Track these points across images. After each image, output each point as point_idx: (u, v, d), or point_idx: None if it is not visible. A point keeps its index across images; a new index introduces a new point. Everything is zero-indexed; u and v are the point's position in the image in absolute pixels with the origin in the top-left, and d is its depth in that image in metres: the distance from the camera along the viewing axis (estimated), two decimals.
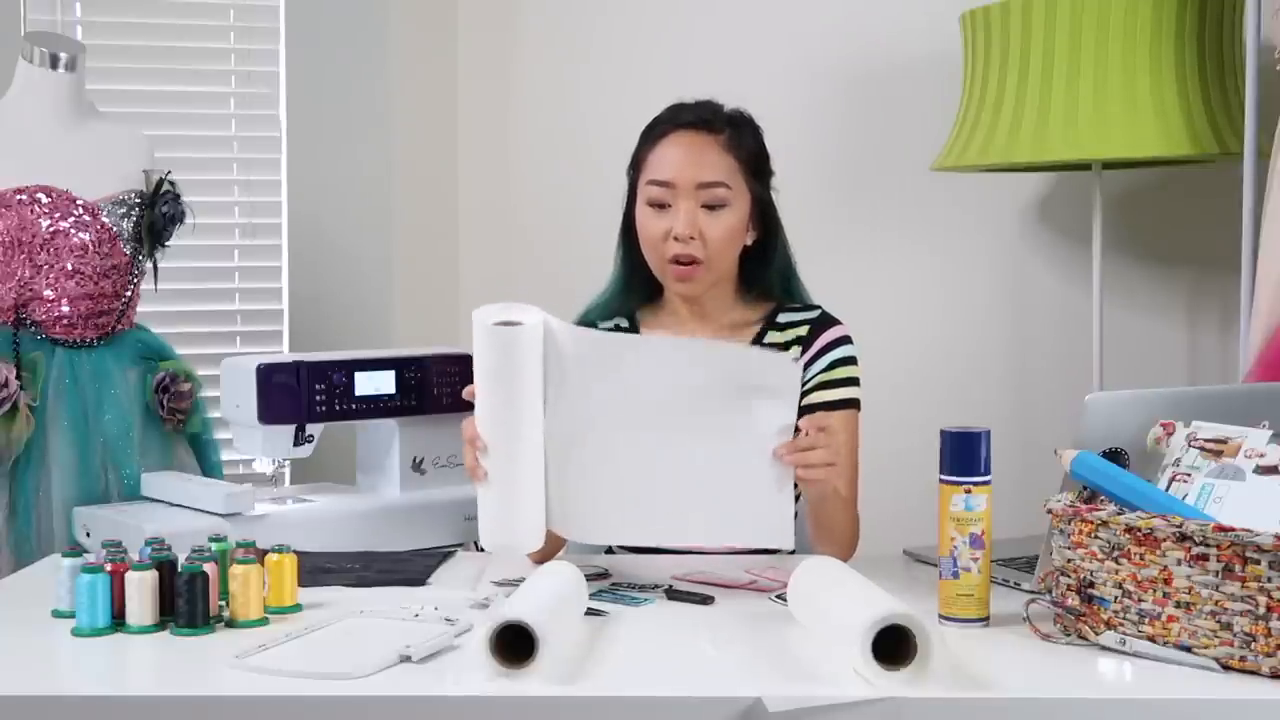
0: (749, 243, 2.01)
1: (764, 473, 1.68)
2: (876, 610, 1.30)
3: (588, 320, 2.08)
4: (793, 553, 2.07)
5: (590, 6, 3.07)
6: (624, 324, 2.07)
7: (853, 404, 1.99)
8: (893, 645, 1.30)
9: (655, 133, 1.99)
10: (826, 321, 2.02)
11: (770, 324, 2.04)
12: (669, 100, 2.03)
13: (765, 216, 2.02)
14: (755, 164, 2.00)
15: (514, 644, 1.31)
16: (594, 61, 3.07)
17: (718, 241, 1.94)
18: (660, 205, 1.95)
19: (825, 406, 1.96)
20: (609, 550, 2.08)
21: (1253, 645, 1.31)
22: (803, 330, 2.02)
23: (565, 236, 3.00)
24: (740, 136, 1.99)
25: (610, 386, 1.70)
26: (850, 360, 2.00)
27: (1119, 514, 1.40)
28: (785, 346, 2.01)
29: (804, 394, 1.98)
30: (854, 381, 1.99)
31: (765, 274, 2.04)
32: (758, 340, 2.03)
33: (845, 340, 2.01)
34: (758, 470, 1.68)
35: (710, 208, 1.94)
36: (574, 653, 1.41)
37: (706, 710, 1.29)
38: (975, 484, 1.50)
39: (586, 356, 1.69)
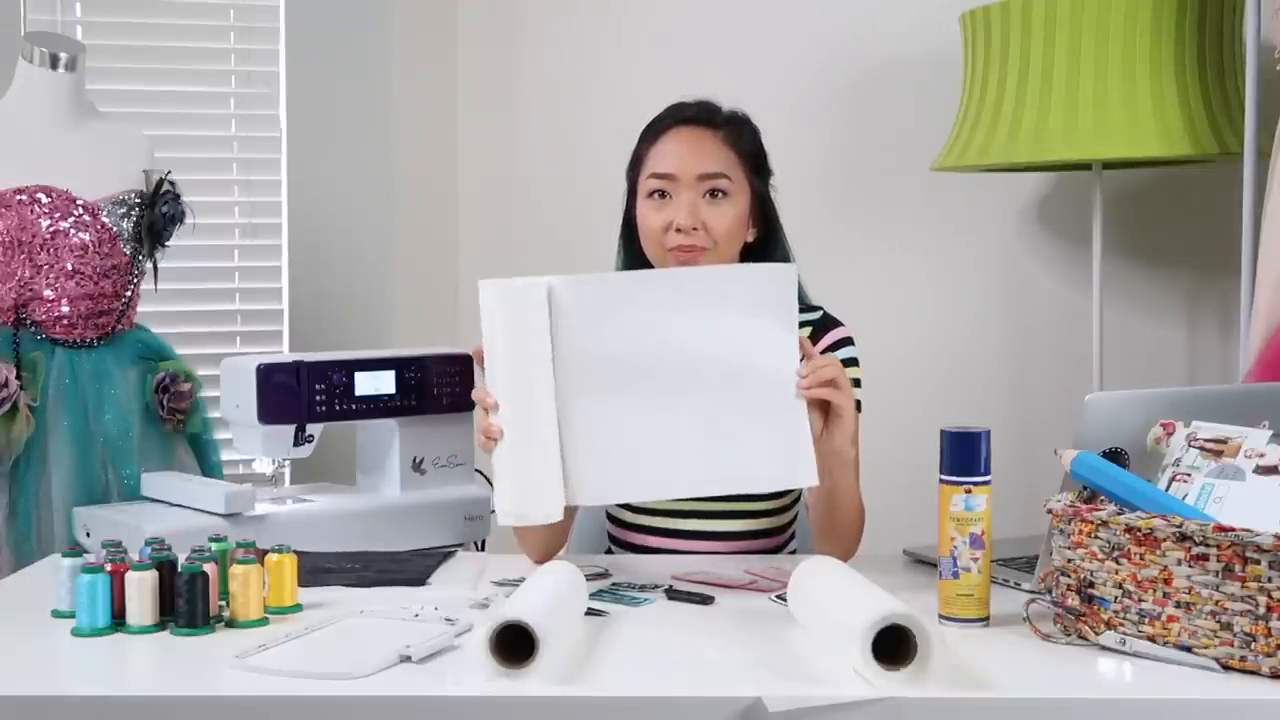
0: (749, 239, 2.01)
1: (778, 407, 1.69)
2: (876, 610, 1.30)
3: None
4: (793, 552, 2.07)
5: (590, 6, 3.08)
6: None
7: (856, 405, 1.98)
8: (893, 645, 1.30)
9: (655, 130, 1.99)
10: (829, 323, 2.02)
11: None
12: (669, 100, 2.03)
13: (765, 213, 2.02)
14: (755, 161, 2.00)
15: (514, 644, 1.31)
16: (594, 61, 3.07)
17: (720, 231, 1.94)
18: (662, 197, 1.95)
19: None
20: (609, 550, 2.08)
21: (1253, 645, 1.31)
22: (805, 332, 2.01)
23: (566, 236, 3.00)
24: (739, 133, 1.99)
25: (615, 333, 1.70)
26: (853, 362, 2.00)
27: (1119, 514, 1.40)
28: None
29: None
30: (857, 383, 1.99)
31: None
32: None
33: (848, 341, 2.01)
34: (771, 406, 1.69)
35: (712, 196, 1.94)
36: (574, 653, 1.41)
37: (706, 710, 1.29)
38: (975, 484, 1.50)
39: (590, 305, 1.70)
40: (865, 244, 3.01)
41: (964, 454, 1.51)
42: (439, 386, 2.29)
